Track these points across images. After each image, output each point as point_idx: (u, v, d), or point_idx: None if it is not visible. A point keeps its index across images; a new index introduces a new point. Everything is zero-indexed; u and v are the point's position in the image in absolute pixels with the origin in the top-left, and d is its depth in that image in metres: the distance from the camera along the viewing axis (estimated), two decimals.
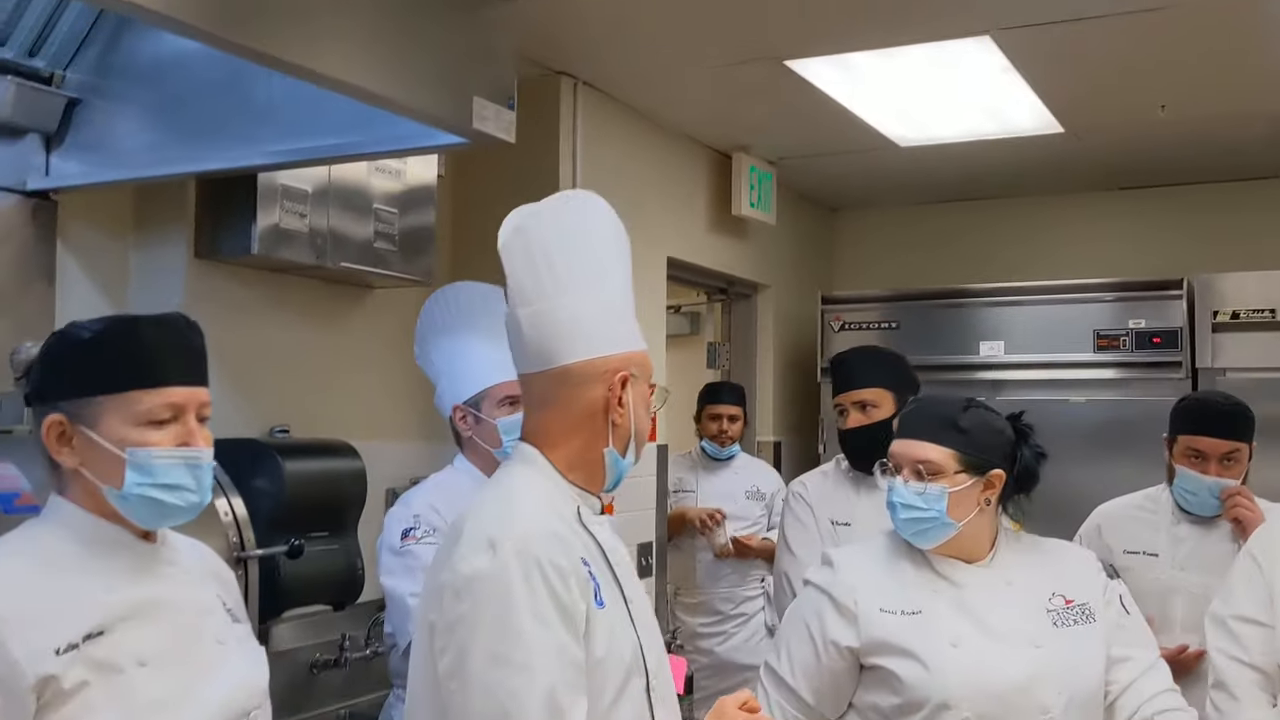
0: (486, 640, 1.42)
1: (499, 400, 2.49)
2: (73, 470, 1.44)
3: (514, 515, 1.51)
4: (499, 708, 1.41)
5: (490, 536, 1.46)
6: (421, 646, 1.53)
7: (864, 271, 5.64)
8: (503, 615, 1.43)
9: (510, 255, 1.63)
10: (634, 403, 1.62)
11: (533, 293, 1.62)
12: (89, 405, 1.43)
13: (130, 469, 1.42)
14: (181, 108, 2.51)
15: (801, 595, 2.12)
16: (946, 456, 1.98)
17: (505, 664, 1.41)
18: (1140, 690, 1.96)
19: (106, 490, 1.43)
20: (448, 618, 1.46)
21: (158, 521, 1.47)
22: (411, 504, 2.45)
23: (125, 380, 1.43)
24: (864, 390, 2.78)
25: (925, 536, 1.99)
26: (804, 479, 2.90)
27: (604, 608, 1.52)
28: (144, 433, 1.43)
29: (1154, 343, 4.32)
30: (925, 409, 2.06)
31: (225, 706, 1.46)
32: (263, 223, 2.78)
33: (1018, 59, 3.42)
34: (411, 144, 2.21)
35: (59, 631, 1.34)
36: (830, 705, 2.04)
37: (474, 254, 3.69)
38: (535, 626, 1.43)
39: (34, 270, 2.64)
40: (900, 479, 1.99)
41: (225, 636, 1.52)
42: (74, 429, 1.43)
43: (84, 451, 1.43)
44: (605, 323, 1.64)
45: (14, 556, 1.41)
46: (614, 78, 3.73)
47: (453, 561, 1.48)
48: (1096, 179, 5.01)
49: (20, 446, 1.82)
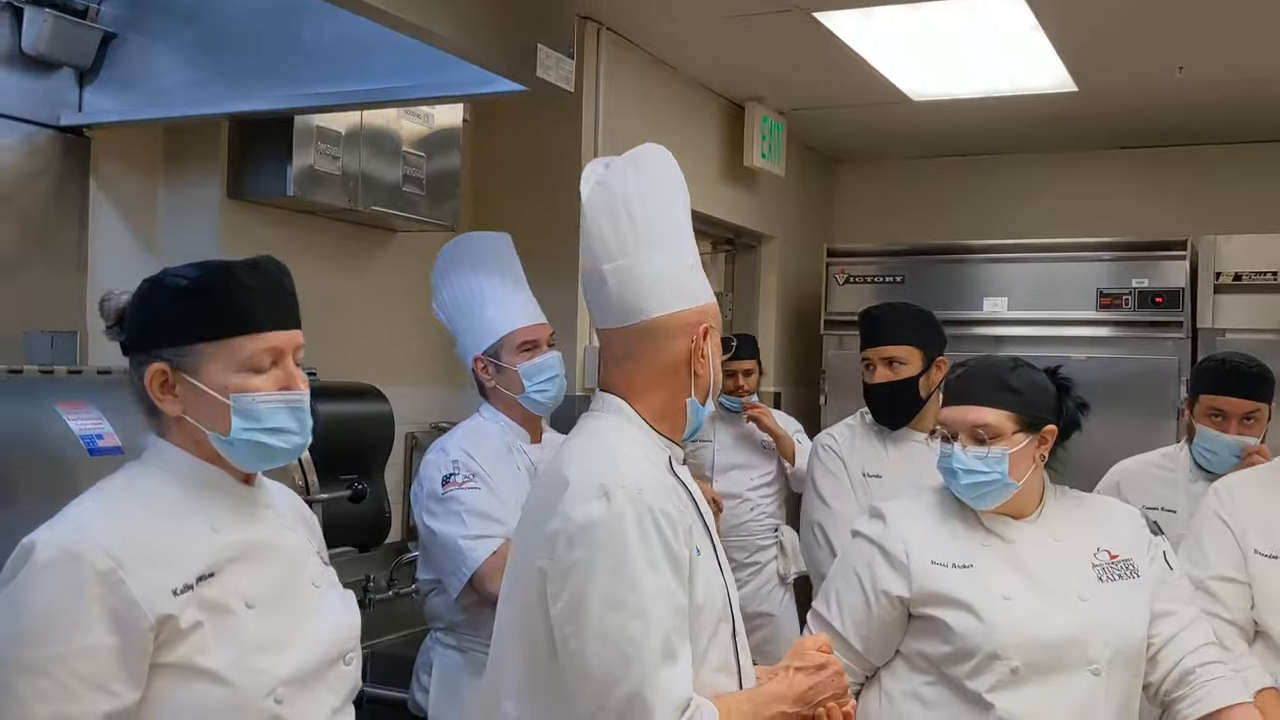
0: (603, 586, 1.45)
1: (517, 346, 2.53)
2: (176, 417, 1.45)
3: (621, 464, 1.53)
4: (618, 652, 1.44)
5: (602, 484, 1.49)
6: (520, 591, 1.55)
7: (864, 224, 5.66)
8: (618, 561, 1.46)
9: (594, 211, 1.64)
10: (711, 353, 1.65)
11: (617, 249, 1.63)
12: (190, 353, 1.43)
13: (235, 415, 1.42)
14: (223, 46, 2.48)
15: (851, 546, 2.16)
16: (1003, 418, 2.01)
17: (622, 608, 1.45)
18: (1184, 642, 2.01)
19: (212, 436, 1.44)
20: (561, 564, 1.48)
21: (261, 464, 1.49)
22: (449, 450, 2.48)
23: (226, 327, 1.43)
24: (892, 347, 2.80)
25: (986, 498, 2.03)
26: (831, 432, 2.93)
27: (700, 555, 1.55)
28: (246, 378, 1.43)
29: (1156, 302, 4.38)
30: (975, 373, 2.08)
31: (325, 648, 1.48)
32: (298, 164, 2.76)
33: (1045, 17, 3.43)
34: (469, 90, 2.19)
35: (174, 572, 1.35)
36: (878, 652, 2.09)
37: (494, 199, 3.68)
38: (650, 572, 1.46)
39: (67, 207, 2.61)
40: (958, 445, 2.02)
41: (320, 579, 1.54)
42: (176, 377, 1.43)
43: (187, 399, 1.43)
44: (685, 276, 1.67)
45: (124, 499, 1.41)
46: (638, 23, 3.70)
47: (563, 509, 1.50)
48: (1103, 138, 5.04)
49: (101, 387, 1.82)
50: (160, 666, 1.33)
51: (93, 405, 1.68)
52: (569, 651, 1.47)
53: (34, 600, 1.30)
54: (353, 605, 1.56)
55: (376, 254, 3.36)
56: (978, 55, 3.87)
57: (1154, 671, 2.02)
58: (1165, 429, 4.20)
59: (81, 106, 2.61)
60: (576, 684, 1.47)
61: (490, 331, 2.55)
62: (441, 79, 2.19)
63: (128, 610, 1.31)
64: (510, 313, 2.57)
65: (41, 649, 1.28)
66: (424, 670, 2.52)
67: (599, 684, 1.45)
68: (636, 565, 1.46)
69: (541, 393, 2.52)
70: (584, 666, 1.46)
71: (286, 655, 1.41)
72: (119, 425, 1.71)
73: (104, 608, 1.30)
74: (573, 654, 1.46)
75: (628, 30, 3.76)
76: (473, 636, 2.42)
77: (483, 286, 2.59)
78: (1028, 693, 1.94)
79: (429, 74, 2.19)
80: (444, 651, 2.47)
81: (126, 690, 1.31)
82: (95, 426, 1.64)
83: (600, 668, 1.44)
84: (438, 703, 2.45)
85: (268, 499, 1.53)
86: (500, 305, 2.57)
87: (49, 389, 1.79)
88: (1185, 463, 2.91)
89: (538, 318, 2.59)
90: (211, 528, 1.42)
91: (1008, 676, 1.94)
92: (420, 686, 2.53)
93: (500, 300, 2.58)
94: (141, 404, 1.46)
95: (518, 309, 2.59)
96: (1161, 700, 2.04)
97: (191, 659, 1.34)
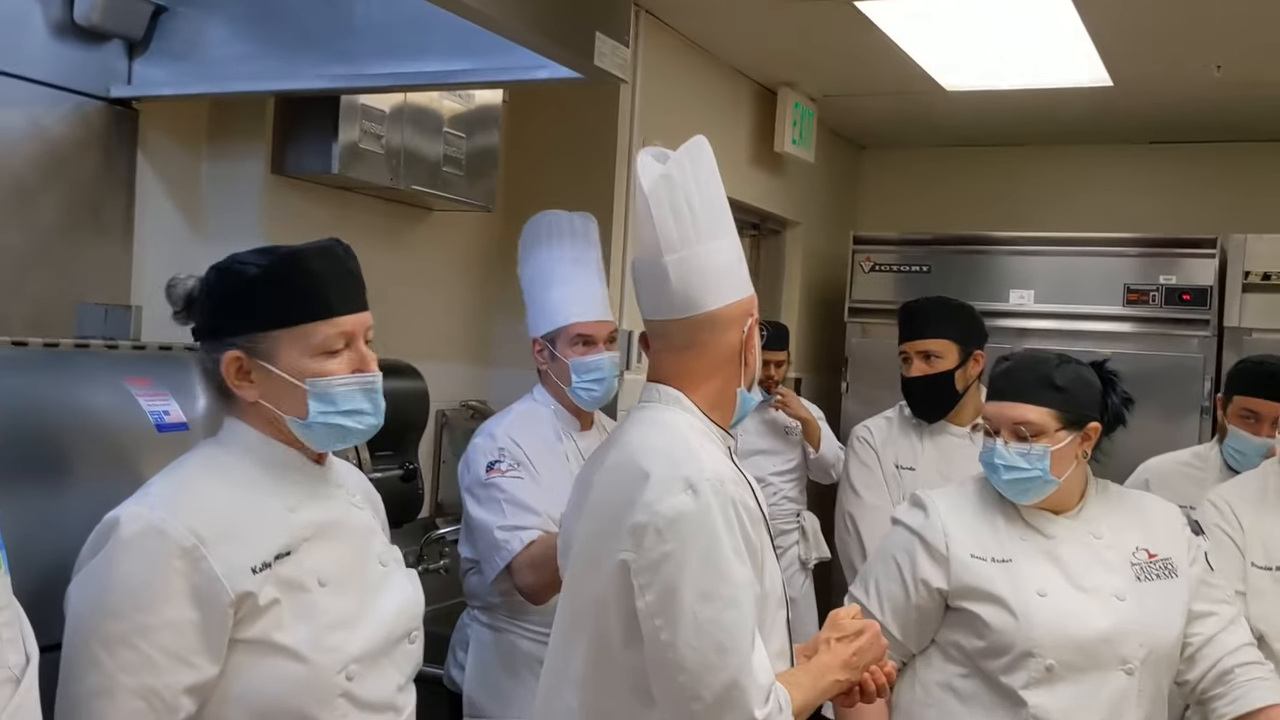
0: (696, 577, 1.47)
1: (572, 339, 2.50)
2: (252, 402, 1.47)
3: (700, 456, 1.55)
4: (714, 642, 1.46)
5: (686, 476, 1.51)
6: (593, 583, 1.57)
7: (890, 212, 5.66)
8: (709, 553, 1.48)
9: (658, 203, 1.64)
10: (757, 343, 1.69)
11: (678, 240, 1.64)
12: (265, 340, 1.45)
13: (312, 399, 1.45)
14: (274, 21, 2.47)
15: (891, 534, 2.18)
16: (1046, 416, 2.02)
17: (716, 599, 1.47)
18: (1223, 643, 2.03)
19: (290, 420, 1.46)
20: (650, 556, 1.49)
21: (336, 445, 1.52)
22: (496, 436, 2.48)
23: (299, 313, 1.46)
24: (931, 341, 2.82)
25: (1027, 494, 2.04)
26: (868, 424, 2.96)
27: (764, 545, 1.58)
28: (321, 362, 1.46)
29: (1183, 299, 4.38)
30: (1020, 369, 2.09)
31: (393, 627, 1.51)
32: (343, 141, 2.76)
33: (1087, 11, 3.42)
34: (523, 75, 2.18)
35: (254, 550, 1.38)
36: (914, 640, 2.12)
37: (529, 180, 3.68)
38: (737, 563, 1.50)
39: (115, 179, 2.62)
40: (999, 441, 2.03)
41: (386, 558, 1.56)
42: (252, 363, 1.46)
43: (263, 385, 1.46)
44: (738, 268, 1.70)
45: (204, 477, 1.43)
46: (676, 6, 3.70)
47: (647, 501, 1.51)
48: (1135, 133, 5.02)
49: (163, 362, 1.84)
50: (238, 642, 1.36)
51: (159, 381, 1.71)
52: (660, 643, 1.49)
53: (119, 574, 1.33)
54: (417, 584, 1.59)
55: (412, 232, 3.38)
56: (1014, 47, 3.86)
57: (1192, 670, 2.04)
58: (1188, 426, 4.22)
59: (131, 79, 2.61)
60: (669, 675, 1.49)
61: (551, 317, 2.53)
62: (496, 63, 2.18)
63: (209, 586, 1.34)
64: (574, 303, 2.53)
65: (127, 621, 1.31)
66: (460, 647, 2.55)
67: (694, 674, 1.47)
68: (726, 556, 1.49)
69: (588, 391, 2.49)
70: (677, 658, 1.48)
71: (357, 633, 1.44)
72: (182, 402, 1.73)
73: (187, 583, 1.33)
74: (664, 645, 1.48)
75: (665, 13, 3.75)
76: (508, 618, 2.45)
77: (554, 268, 2.56)
78: (1061, 690, 1.96)
79: (483, 58, 2.19)
80: (480, 629, 2.50)
81: (207, 664, 1.34)
82: (162, 403, 1.67)
83: (695, 658, 1.47)
84: (473, 680, 2.48)
85: (338, 478, 1.56)
86: (566, 289, 2.54)
87: (113, 363, 1.81)
88: (1216, 463, 2.93)
89: (601, 313, 2.55)
90: (287, 507, 1.44)
91: (1041, 674, 1.96)
92: (456, 663, 2.56)
93: (566, 283, 2.54)
94: (213, 387, 1.49)
95: (582, 300, 2.54)
96: (1199, 698, 2.06)
97: (269, 635, 1.37)
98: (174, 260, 2.69)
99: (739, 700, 1.46)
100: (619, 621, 1.53)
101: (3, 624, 1.08)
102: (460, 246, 3.61)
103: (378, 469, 2.20)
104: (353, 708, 1.42)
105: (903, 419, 2.91)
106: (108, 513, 1.38)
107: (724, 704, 1.47)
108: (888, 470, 2.82)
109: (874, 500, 2.77)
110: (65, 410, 1.64)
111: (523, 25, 2.01)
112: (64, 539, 1.41)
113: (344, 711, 1.41)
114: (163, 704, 1.32)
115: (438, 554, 3.26)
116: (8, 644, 1.09)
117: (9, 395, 1.58)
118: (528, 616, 2.41)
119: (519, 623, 2.44)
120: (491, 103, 3.25)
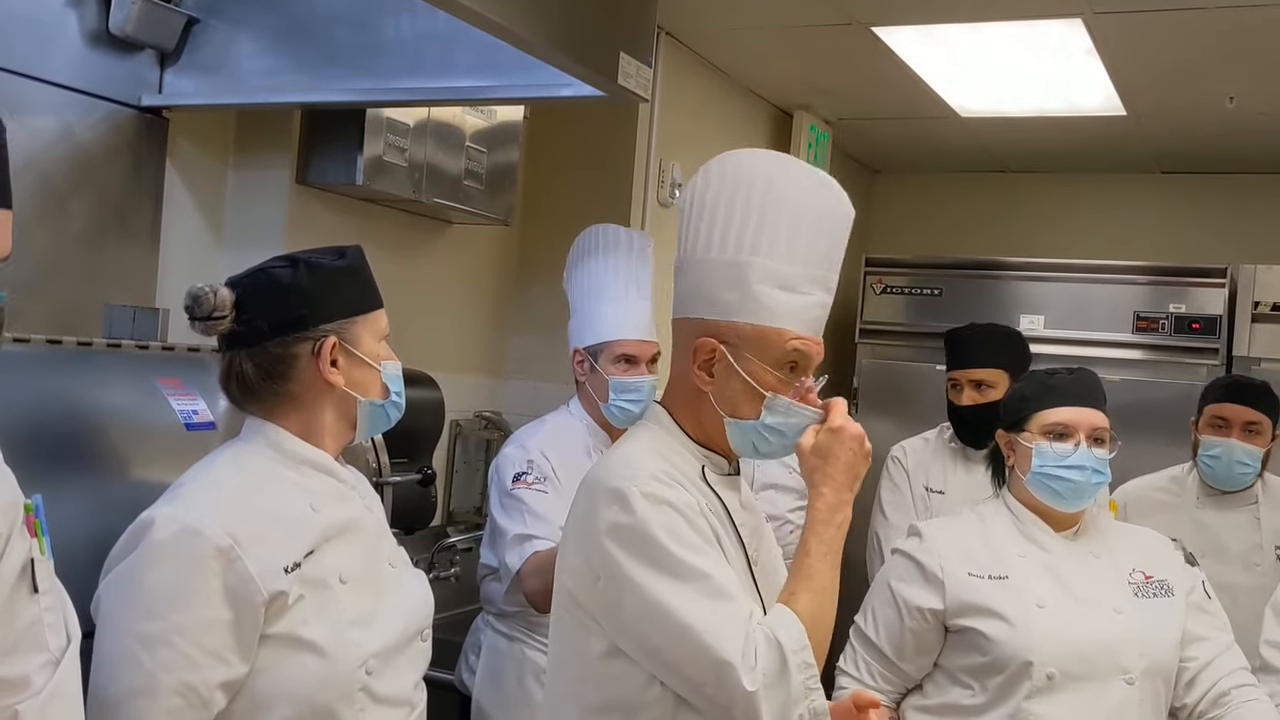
0: (637, 587, 1.41)
1: (615, 356, 2.50)
2: (293, 394, 1.52)
3: (636, 466, 1.49)
4: (681, 635, 1.40)
5: (615, 489, 1.45)
6: (562, 594, 1.52)
7: (902, 236, 5.69)
8: (648, 557, 1.40)
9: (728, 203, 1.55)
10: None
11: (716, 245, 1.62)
12: (351, 326, 1.55)
13: (386, 380, 1.57)
14: (303, 36, 2.53)
15: (889, 561, 2.24)
16: (1107, 424, 2.10)
17: (665, 597, 1.39)
18: (1221, 665, 2.06)
19: (363, 402, 1.55)
20: (594, 570, 1.44)
21: (377, 430, 1.62)
22: (527, 448, 2.49)
23: (372, 301, 1.59)
24: (984, 370, 2.84)
25: (1088, 496, 2.09)
26: (905, 445, 2.97)
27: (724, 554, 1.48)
28: (384, 347, 1.60)
29: (1193, 328, 4.41)
30: (1089, 377, 2.14)
31: (407, 623, 1.54)
32: (368, 153, 2.81)
33: (1102, 42, 3.46)
34: (548, 93, 2.23)
35: (285, 550, 1.42)
36: (912, 664, 2.15)
37: (547, 195, 3.73)
38: (686, 554, 1.41)
39: (144, 185, 2.68)
40: (1079, 444, 2.05)
41: (396, 559, 1.60)
42: (340, 350, 1.54)
43: (348, 370, 1.54)
44: (727, 293, 1.60)
45: (235, 478, 1.47)
46: (697, 28, 3.75)
47: (589, 517, 1.47)
48: (1147, 162, 5.06)
49: (190, 364, 1.88)
50: (265, 637, 1.40)
51: (188, 382, 1.75)
52: (645, 651, 1.42)
53: (155, 576, 1.37)
54: (426, 584, 1.63)
55: (431, 244, 3.43)
56: (1030, 75, 3.90)
57: (1190, 694, 2.07)
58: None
59: (162, 88, 2.68)
60: (668, 677, 1.42)
61: (596, 330, 2.53)
62: (521, 80, 2.24)
63: (244, 586, 1.37)
64: (622, 319, 2.53)
65: (164, 621, 1.35)
66: (472, 650, 2.59)
67: (682, 673, 1.41)
68: (667, 553, 1.40)
69: (623, 410, 2.48)
70: (661, 661, 1.41)
71: (375, 629, 1.48)
72: (209, 402, 1.78)
73: (222, 583, 1.36)
74: (649, 652, 1.42)
75: (684, 34, 3.81)
76: (522, 628, 2.48)
77: (607, 281, 2.56)
78: (1063, 700, 2.00)
79: (509, 75, 2.24)
80: (493, 636, 2.53)
81: (239, 662, 1.37)
82: (191, 402, 1.71)
83: (673, 654, 1.40)
84: (482, 686, 2.51)
85: (353, 479, 1.60)
86: (616, 305, 2.54)
87: (144, 363, 1.86)
88: (1193, 488, 2.93)
89: (647, 333, 2.54)
90: (311, 507, 1.48)
91: (1044, 683, 1.99)
92: (468, 667, 2.59)
93: (618, 299, 2.55)
94: (241, 384, 1.52)
95: (631, 318, 2.55)
96: None
97: (294, 630, 1.40)
98: (198, 266, 2.75)
99: (731, 680, 1.36)
100: (588, 634, 1.47)
101: (45, 608, 1.12)
102: (478, 259, 3.66)
103: (395, 474, 2.24)
104: (371, 702, 1.45)
105: (941, 442, 2.92)
106: (140, 512, 1.42)
107: (720, 685, 1.37)
108: (917, 492, 2.84)
109: (900, 522, 2.79)
110: (101, 407, 1.69)
111: (551, 44, 2.07)
112: (102, 528, 1.45)
113: (363, 706, 1.44)
114: (200, 700, 1.35)
115: (449, 562, 3.29)
116: (49, 628, 1.12)
117: (46, 391, 1.63)
118: (541, 629, 2.43)
119: (533, 634, 2.47)
120: (513, 119, 3.30)
